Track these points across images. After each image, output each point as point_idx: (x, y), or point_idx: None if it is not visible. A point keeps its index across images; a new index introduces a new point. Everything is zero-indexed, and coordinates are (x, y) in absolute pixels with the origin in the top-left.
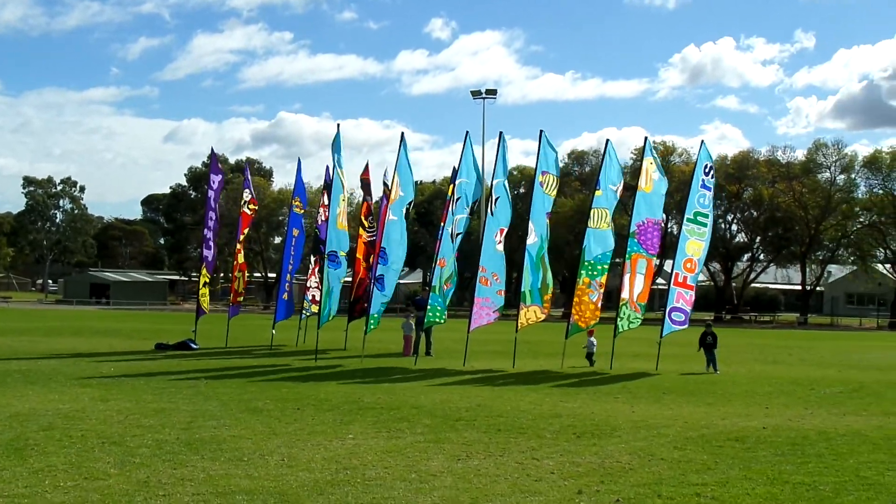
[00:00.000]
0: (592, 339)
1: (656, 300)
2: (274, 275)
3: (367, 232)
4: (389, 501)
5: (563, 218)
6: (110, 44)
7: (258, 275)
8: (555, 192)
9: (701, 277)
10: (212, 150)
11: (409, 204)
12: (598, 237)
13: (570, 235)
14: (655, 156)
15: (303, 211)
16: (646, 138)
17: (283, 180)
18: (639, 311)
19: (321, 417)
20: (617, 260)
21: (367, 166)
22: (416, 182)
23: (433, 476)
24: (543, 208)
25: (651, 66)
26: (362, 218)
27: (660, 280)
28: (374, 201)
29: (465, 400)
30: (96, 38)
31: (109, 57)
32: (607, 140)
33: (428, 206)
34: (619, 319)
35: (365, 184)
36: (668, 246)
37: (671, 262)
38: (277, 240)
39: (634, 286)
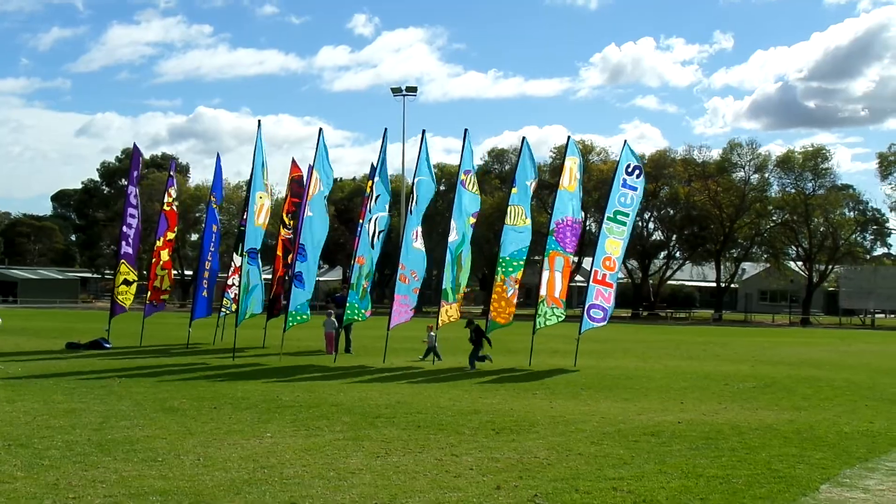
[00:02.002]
0: (433, 333)
1: (575, 297)
2: (191, 272)
3: (287, 229)
4: (307, 500)
5: (483, 216)
6: (20, 34)
7: (174, 272)
8: (477, 190)
9: (619, 275)
10: (134, 145)
11: (326, 198)
12: (515, 234)
13: (490, 233)
14: (579, 154)
15: (217, 206)
16: (569, 137)
17: (200, 176)
18: (561, 306)
19: (238, 416)
20: (536, 258)
21: (294, 162)
22: (337, 179)
23: (352, 473)
24: (466, 207)
25: (572, 65)
26: (284, 215)
27: (579, 277)
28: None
29: (384, 397)
30: (6, 27)
31: (19, 47)
32: (523, 138)
33: (348, 204)
34: (537, 316)
35: (295, 180)
36: (587, 244)
37: (591, 259)
38: (194, 237)
39: (554, 283)
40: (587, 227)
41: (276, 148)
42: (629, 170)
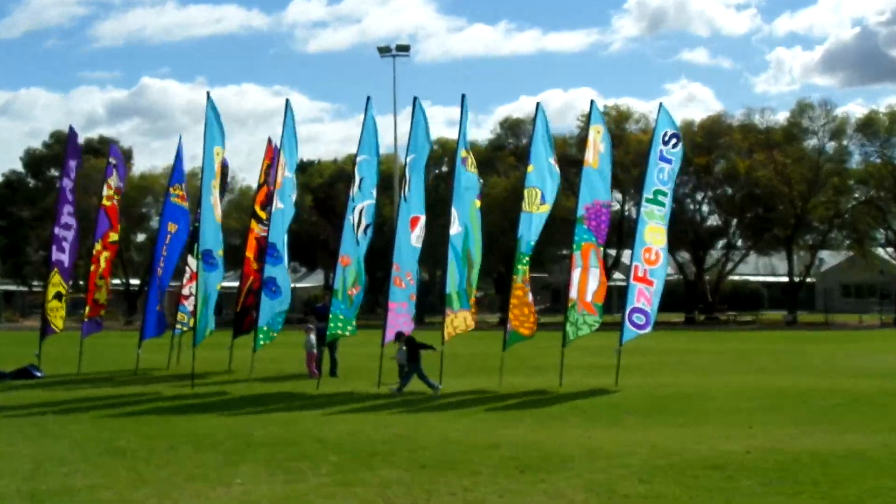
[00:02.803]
0: (404, 349)
1: (615, 300)
2: (137, 281)
3: (262, 225)
4: None
5: (496, 201)
6: None
7: (117, 281)
8: (475, 168)
9: (668, 270)
10: (70, 128)
11: (295, 192)
12: (535, 223)
13: (505, 222)
14: (604, 123)
15: (186, 203)
16: (592, 102)
17: (145, 162)
18: (595, 312)
19: (201, 458)
20: (563, 251)
21: (270, 143)
22: (314, 161)
23: None
24: (467, 190)
25: (602, 13)
26: (257, 208)
27: (618, 275)
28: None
29: (380, 430)
30: None
31: None
32: (537, 104)
33: (328, 191)
34: (567, 325)
35: (271, 166)
36: (627, 233)
37: (630, 252)
38: (140, 237)
39: (586, 283)
40: (625, 213)
41: (239, 125)
42: (666, 138)
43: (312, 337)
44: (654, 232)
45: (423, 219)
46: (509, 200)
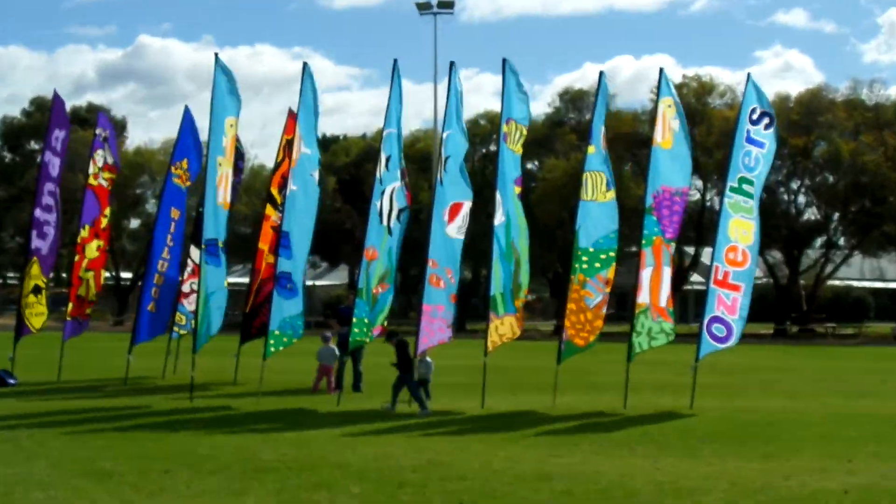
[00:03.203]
0: (428, 359)
1: (691, 307)
2: (129, 275)
3: (279, 211)
4: None
5: (554, 187)
6: None
7: (106, 275)
8: (521, 148)
9: (757, 273)
10: (54, 93)
11: (318, 169)
12: (599, 213)
13: (565, 212)
14: (676, 96)
15: (189, 183)
16: (661, 71)
17: (142, 135)
18: (669, 319)
19: (201, 484)
20: (632, 248)
21: (291, 115)
22: (339, 137)
23: None
24: (510, 172)
25: None
26: (273, 191)
27: (696, 277)
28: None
29: (410, 456)
30: None
31: None
32: (601, 73)
33: (355, 172)
34: (634, 335)
35: (291, 142)
36: (709, 228)
37: (711, 251)
38: (134, 223)
39: (660, 285)
40: (707, 203)
41: (252, 93)
42: (754, 117)
43: (331, 347)
44: (739, 227)
45: (466, 206)
46: (569, 187)
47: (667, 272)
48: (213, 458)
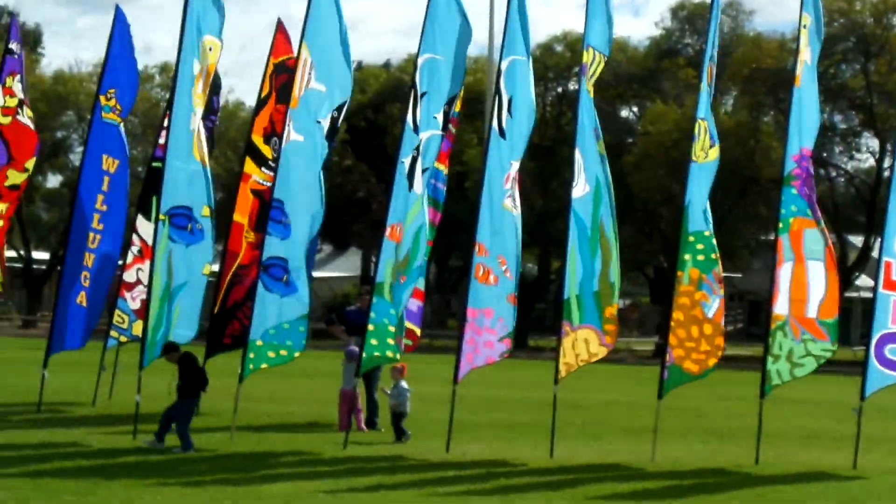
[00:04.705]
0: (403, 383)
1: (855, 321)
2: (45, 255)
3: (266, 169)
4: None
5: (659, 145)
6: None
7: (12, 254)
8: (593, 87)
9: None
10: None
11: (338, 110)
12: (707, 181)
13: (673, 182)
14: (821, 9)
15: (116, 114)
16: None
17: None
18: (823, 336)
19: None
20: (762, 237)
21: (280, 30)
22: (355, 65)
23: None
24: (591, 121)
25: None
26: (257, 140)
27: (864, 281)
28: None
29: None
30: None
31: None
32: None
33: (374, 117)
34: (770, 359)
35: (281, 68)
36: (877, 210)
37: (879, 242)
38: (52, 182)
39: (805, 287)
40: (882, 172)
41: (235, 3)
42: None
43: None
44: None
45: (515, 167)
46: (682, 145)
47: (815, 268)
48: None
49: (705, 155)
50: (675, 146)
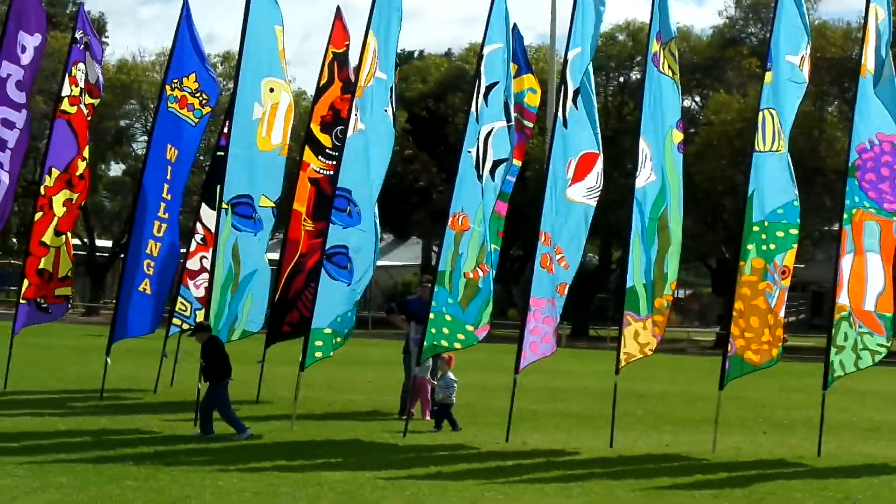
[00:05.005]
0: (450, 374)
1: None
2: (108, 243)
3: (324, 158)
4: None
5: (722, 134)
6: None
7: (76, 242)
8: (672, 72)
9: None
10: None
11: (391, 93)
12: (779, 171)
13: (734, 170)
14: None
15: (208, 109)
16: None
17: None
18: (881, 330)
19: None
20: (825, 228)
21: (339, 18)
22: (414, 54)
23: None
24: (670, 110)
25: None
26: (315, 129)
27: None
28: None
29: None
30: None
31: None
32: None
33: (436, 106)
34: (833, 350)
35: (339, 58)
36: None
37: None
38: (115, 171)
39: (864, 280)
40: None
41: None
42: None
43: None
44: None
45: (599, 160)
46: (746, 134)
47: (874, 261)
48: None
49: (776, 145)
50: (739, 136)
